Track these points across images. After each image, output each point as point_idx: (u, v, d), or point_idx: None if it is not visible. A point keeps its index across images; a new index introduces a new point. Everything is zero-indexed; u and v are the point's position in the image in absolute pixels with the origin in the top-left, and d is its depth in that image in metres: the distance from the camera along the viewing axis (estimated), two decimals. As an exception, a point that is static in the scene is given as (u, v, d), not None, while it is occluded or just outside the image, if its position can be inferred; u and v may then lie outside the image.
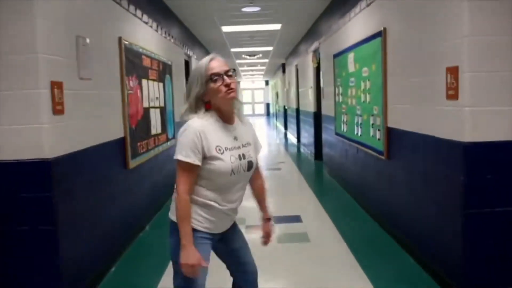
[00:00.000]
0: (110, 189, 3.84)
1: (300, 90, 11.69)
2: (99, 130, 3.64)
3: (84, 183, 3.28)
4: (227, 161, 1.93)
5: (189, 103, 1.96)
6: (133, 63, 4.53)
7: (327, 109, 7.52)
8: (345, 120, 6.00)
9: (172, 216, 2.00)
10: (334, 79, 6.64)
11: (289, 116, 15.82)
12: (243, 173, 2.01)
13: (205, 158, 1.91)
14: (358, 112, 5.21)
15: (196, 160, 1.89)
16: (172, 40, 6.74)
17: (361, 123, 5.13)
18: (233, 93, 1.95)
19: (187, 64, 8.81)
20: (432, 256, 3.33)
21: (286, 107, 16.63)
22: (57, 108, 2.83)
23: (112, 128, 3.95)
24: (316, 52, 8.77)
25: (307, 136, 10.34)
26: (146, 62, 5.08)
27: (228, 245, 2.16)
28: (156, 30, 5.76)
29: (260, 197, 2.30)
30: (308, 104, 9.91)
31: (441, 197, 3.12)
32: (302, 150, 11.36)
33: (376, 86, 4.44)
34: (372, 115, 4.62)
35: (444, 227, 3.11)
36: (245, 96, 33.60)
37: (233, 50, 12.75)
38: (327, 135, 7.60)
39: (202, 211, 1.97)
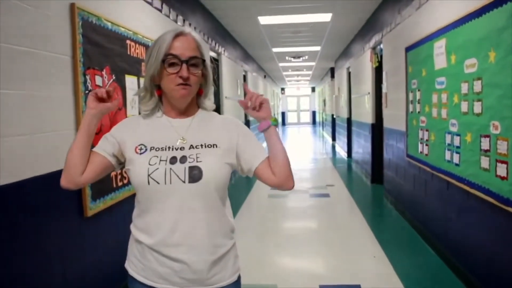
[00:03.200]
0: (46, 253, 2.23)
1: (352, 96, 9.86)
2: (16, 157, 2.04)
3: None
4: (143, 162, 1.37)
5: (144, 82, 1.43)
6: (104, 49, 2.92)
7: (392, 121, 5.70)
8: (425, 139, 4.17)
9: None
10: (406, 81, 4.82)
11: (338, 126, 13.95)
12: (181, 185, 1.33)
13: (122, 163, 1.45)
14: (453, 130, 3.39)
15: (98, 149, 1.42)
16: (187, 28, 5.12)
17: (458, 146, 3.31)
18: (184, 91, 1.38)
19: (214, 62, 7.22)
20: None
21: (334, 116, 14.78)
22: None
23: (49, 153, 2.35)
24: (376, 48, 6.97)
25: (362, 152, 8.49)
26: (136, 51, 3.47)
27: None
28: (160, 10, 4.16)
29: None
30: (364, 114, 8.08)
31: None
32: (354, 167, 9.50)
33: (499, 88, 2.63)
34: (486, 136, 2.81)
35: None
36: (290, 103, 31.86)
37: (275, 50, 11.09)
38: (392, 155, 5.77)
39: (136, 249, 1.43)
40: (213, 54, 6.87)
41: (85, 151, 1.39)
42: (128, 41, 3.32)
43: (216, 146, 1.41)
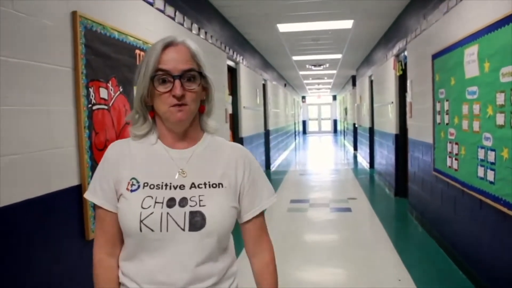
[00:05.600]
0: (43, 279, 2.05)
1: (375, 105, 9.57)
2: (9, 177, 1.87)
3: None
4: (134, 203, 1.14)
5: (134, 105, 1.21)
6: (110, 60, 2.75)
7: (418, 132, 5.41)
8: (454, 153, 3.89)
9: None
10: (433, 90, 4.55)
11: (360, 135, 13.63)
12: (179, 233, 1.12)
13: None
14: (487, 144, 3.12)
15: (103, 201, 1.19)
16: (202, 36, 4.95)
17: (493, 163, 3.03)
18: (180, 114, 1.15)
19: (233, 72, 7.05)
20: None
21: (356, 125, 14.46)
22: None
23: (48, 172, 2.17)
24: (399, 56, 6.69)
25: (385, 163, 8.19)
26: (146, 61, 3.29)
27: None
28: (173, 18, 4.00)
29: (261, 284, 1.28)
30: (387, 124, 7.79)
31: None
32: (376, 179, 9.18)
33: (541, 100, 2.36)
34: (526, 153, 2.54)
35: None
36: (311, 111, 31.54)
37: (295, 58, 10.89)
38: (417, 168, 5.47)
39: None
40: (231, 63, 6.70)
41: None
42: (137, 51, 3.15)
43: (222, 186, 1.20)
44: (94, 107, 2.54)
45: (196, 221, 1.13)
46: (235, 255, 1.29)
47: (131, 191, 1.17)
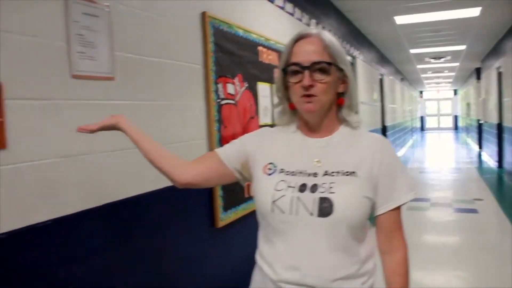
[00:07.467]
0: (175, 264, 2.23)
1: (504, 100, 8.80)
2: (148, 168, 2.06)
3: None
4: (268, 185, 1.21)
5: (277, 96, 1.31)
6: (235, 57, 2.88)
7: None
8: None
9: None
10: None
11: (485, 132, 12.63)
12: (308, 218, 1.14)
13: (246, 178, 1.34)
14: None
15: (221, 150, 1.35)
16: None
17: None
18: (309, 105, 1.18)
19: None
20: None
21: (480, 121, 13.42)
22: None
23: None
24: (535, 44, 6.09)
25: (516, 162, 7.50)
26: (268, 57, 3.39)
27: None
28: (292, 14, 4.05)
29: (390, 285, 1.22)
30: (519, 119, 7.13)
31: None
32: (506, 179, 8.44)
33: None
34: None
35: None
36: (429, 107, 29.91)
37: (412, 51, 10.42)
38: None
39: (257, 276, 1.28)
40: (348, 57, 6.61)
41: (154, 154, 1.38)
42: (259, 48, 3.25)
43: (356, 175, 1.18)
44: (222, 102, 2.68)
45: (325, 207, 1.14)
46: (374, 251, 1.25)
47: (268, 174, 1.24)
